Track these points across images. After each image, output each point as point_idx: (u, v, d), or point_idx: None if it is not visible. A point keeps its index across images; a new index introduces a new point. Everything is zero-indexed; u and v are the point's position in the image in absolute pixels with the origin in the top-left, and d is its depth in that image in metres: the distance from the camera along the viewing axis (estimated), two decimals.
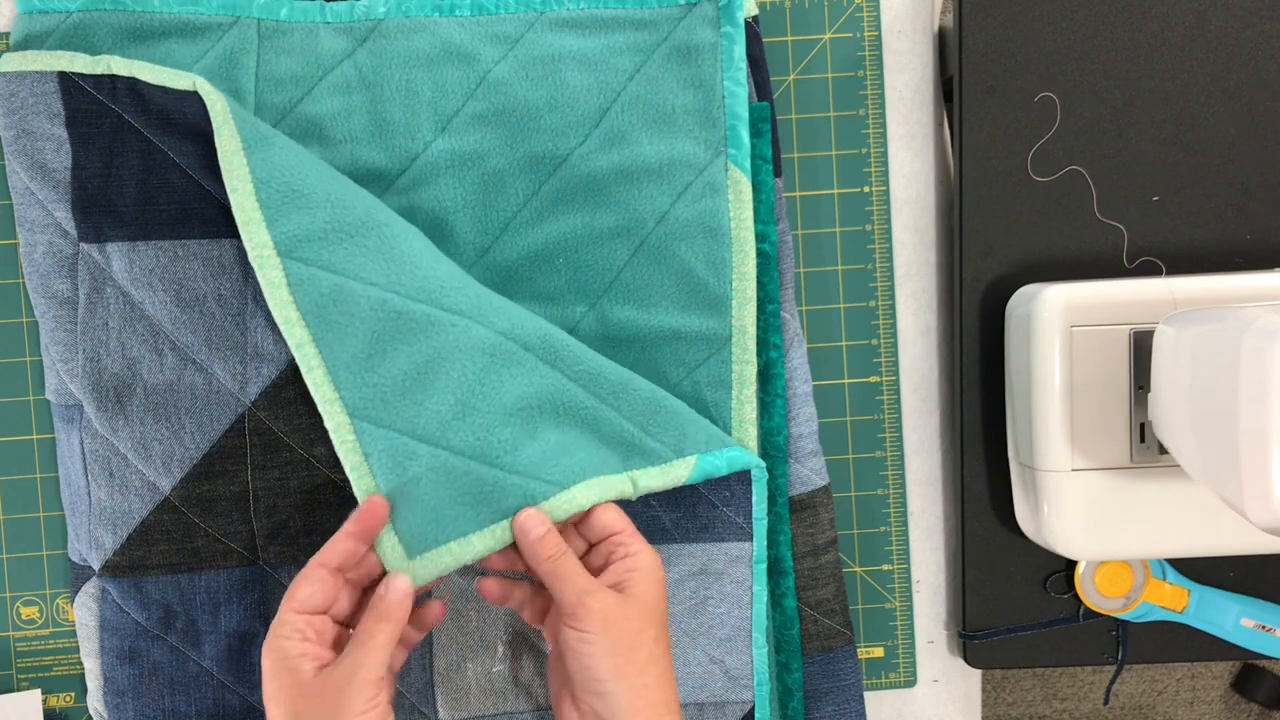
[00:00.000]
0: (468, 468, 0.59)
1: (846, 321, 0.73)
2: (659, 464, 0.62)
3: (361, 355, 0.61)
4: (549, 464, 0.59)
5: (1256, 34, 0.70)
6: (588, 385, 0.63)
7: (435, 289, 0.61)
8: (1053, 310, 0.65)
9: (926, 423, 0.74)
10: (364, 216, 0.63)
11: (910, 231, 0.74)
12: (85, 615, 0.68)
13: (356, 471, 0.60)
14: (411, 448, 0.59)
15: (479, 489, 0.58)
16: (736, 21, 0.67)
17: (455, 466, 0.59)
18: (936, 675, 0.75)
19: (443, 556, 0.58)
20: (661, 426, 0.63)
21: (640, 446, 0.62)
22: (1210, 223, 0.71)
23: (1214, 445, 0.54)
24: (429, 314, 0.61)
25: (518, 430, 0.60)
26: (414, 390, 0.60)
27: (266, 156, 0.63)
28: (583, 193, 0.67)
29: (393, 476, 0.59)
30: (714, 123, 0.67)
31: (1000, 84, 0.70)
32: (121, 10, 0.66)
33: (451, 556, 0.58)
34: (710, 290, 0.67)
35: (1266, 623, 0.71)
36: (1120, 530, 0.66)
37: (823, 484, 0.70)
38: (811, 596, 0.70)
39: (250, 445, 0.66)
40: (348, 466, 0.60)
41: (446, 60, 0.67)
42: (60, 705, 0.71)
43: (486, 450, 0.59)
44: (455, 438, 0.59)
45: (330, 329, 0.61)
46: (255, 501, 0.66)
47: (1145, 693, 1.58)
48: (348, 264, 0.61)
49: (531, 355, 0.62)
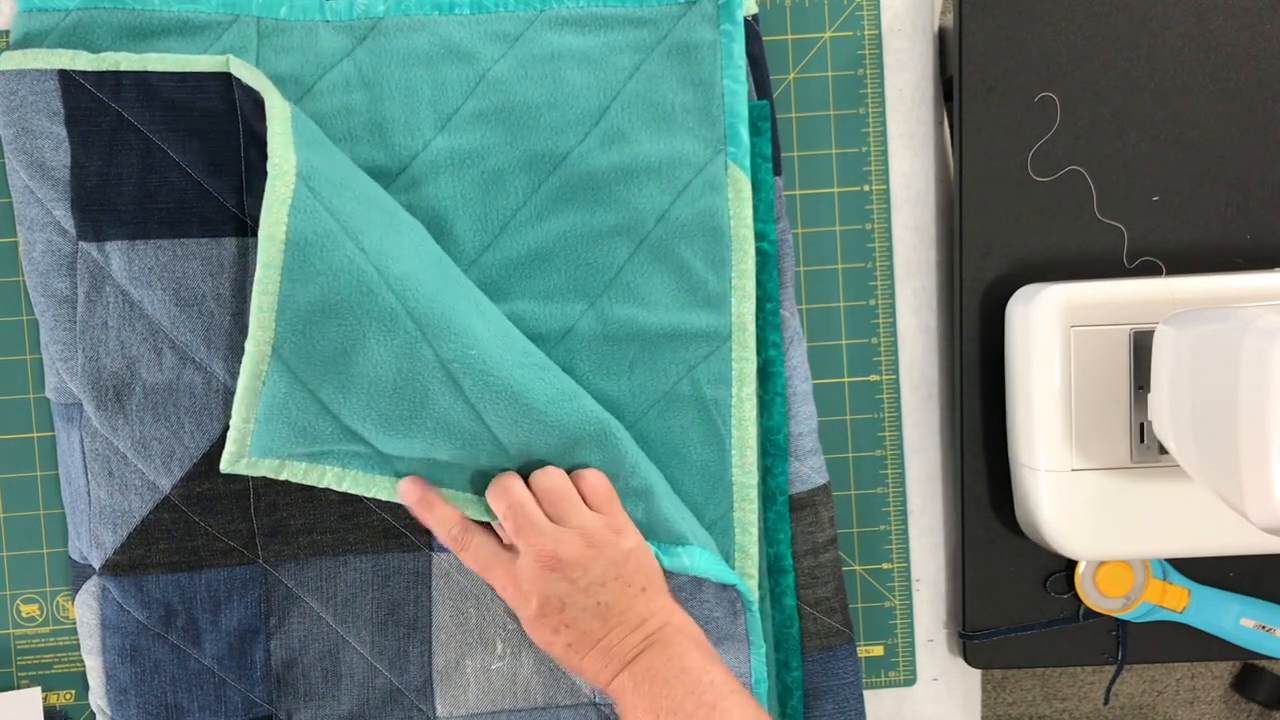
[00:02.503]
0: (354, 448, 0.62)
1: (846, 320, 0.73)
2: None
3: (314, 307, 0.59)
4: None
5: (1256, 34, 0.70)
6: (511, 443, 0.63)
7: (413, 286, 0.60)
8: (1053, 310, 0.65)
9: (926, 422, 0.74)
10: (378, 194, 0.63)
11: (910, 230, 0.74)
12: (86, 614, 0.68)
13: (245, 390, 0.60)
14: (305, 402, 0.61)
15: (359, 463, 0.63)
16: (736, 20, 0.67)
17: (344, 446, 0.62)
18: (936, 674, 0.75)
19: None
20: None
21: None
22: (1210, 223, 0.71)
23: (1214, 445, 0.54)
24: (390, 307, 0.60)
25: (415, 440, 0.62)
26: (338, 363, 0.60)
27: (304, 123, 0.63)
28: (582, 191, 0.67)
29: (274, 411, 0.61)
30: (713, 121, 0.67)
31: (1000, 84, 0.70)
32: (121, 9, 0.66)
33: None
34: (710, 288, 0.67)
35: (1266, 623, 0.71)
36: (1120, 530, 0.66)
37: (822, 482, 0.70)
38: (811, 595, 0.70)
39: None
40: (241, 386, 0.60)
41: (446, 58, 0.67)
42: (60, 703, 0.71)
43: (370, 437, 0.62)
44: (350, 420, 0.61)
45: (303, 267, 0.59)
46: (255, 500, 0.66)
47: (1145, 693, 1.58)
48: (350, 219, 0.60)
49: (451, 392, 0.61)
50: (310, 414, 0.61)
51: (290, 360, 0.60)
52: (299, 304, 0.59)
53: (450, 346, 0.60)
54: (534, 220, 0.67)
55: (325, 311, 0.59)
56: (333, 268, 0.59)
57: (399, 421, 0.61)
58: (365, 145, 0.67)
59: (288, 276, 0.59)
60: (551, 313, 0.67)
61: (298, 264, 0.59)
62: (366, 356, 0.60)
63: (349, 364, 0.60)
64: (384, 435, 0.61)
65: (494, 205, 0.67)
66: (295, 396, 0.60)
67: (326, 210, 0.60)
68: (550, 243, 0.67)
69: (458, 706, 0.68)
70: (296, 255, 0.59)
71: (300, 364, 0.60)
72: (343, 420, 0.61)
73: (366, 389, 0.60)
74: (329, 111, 0.67)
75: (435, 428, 0.61)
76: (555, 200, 0.67)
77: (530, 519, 0.61)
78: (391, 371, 0.60)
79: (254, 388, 0.60)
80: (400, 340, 0.60)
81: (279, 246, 0.59)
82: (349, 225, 0.60)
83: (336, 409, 0.61)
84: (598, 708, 0.68)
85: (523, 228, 0.67)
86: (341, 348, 0.60)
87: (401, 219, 0.64)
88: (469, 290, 0.64)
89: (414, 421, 0.61)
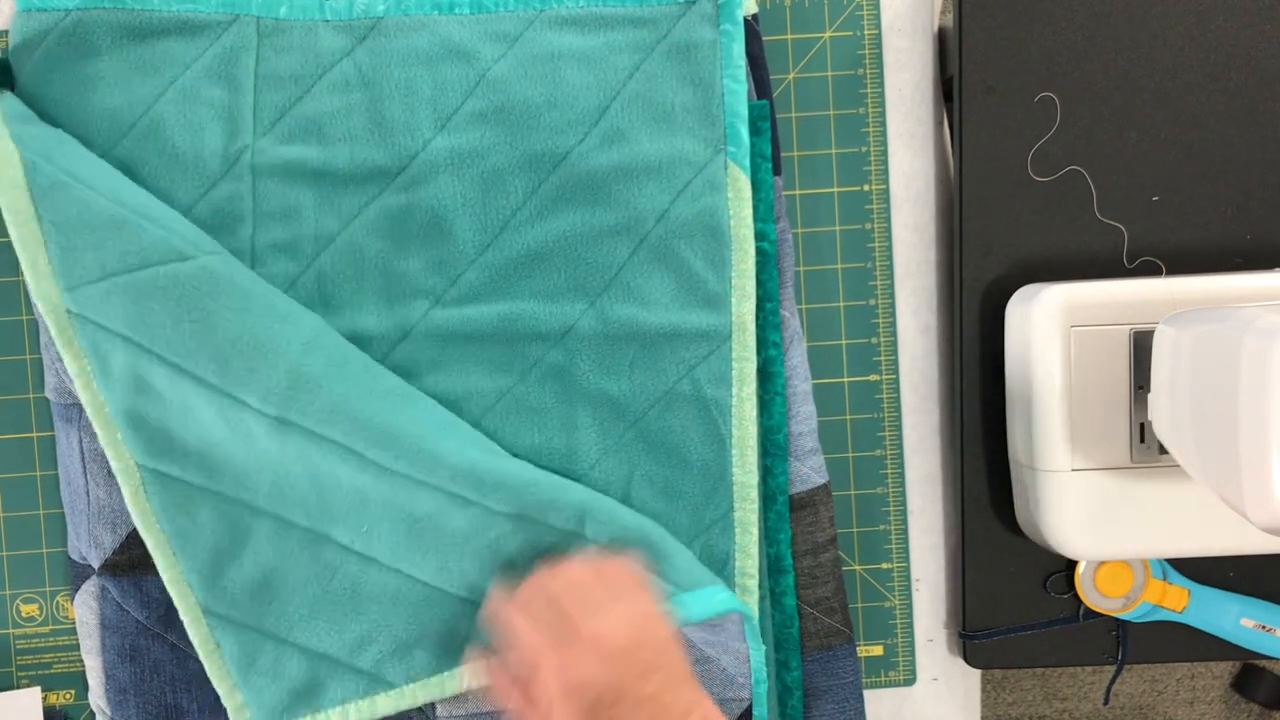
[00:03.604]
0: (313, 667, 0.65)
1: (846, 320, 0.73)
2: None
3: (210, 560, 0.64)
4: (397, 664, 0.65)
5: (1256, 34, 0.70)
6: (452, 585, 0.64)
7: (274, 486, 0.63)
8: (1053, 310, 0.65)
9: (926, 422, 0.74)
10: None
11: (910, 230, 0.74)
12: (86, 613, 0.68)
13: (210, 659, 0.65)
14: (259, 643, 0.65)
15: (315, 681, 0.65)
16: (736, 19, 0.67)
17: (300, 664, 0.65)
18: (936, 674, 0.75)
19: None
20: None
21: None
22: (1210, 223, 0.71)
23: (1214, 445, 0.54)
24: (268, 524, 0.64)
25: (366, 627, 0.64)
26: (258, 591, 0.64)
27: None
28: (582, 191, 0.67)
29: (244, 666, 0.65)
30: (713, 121, 0.67)
31: (1000, 84, 0.70)
32: (121, 8, 0.66)
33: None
34: (710, 288, 0.67)
35: (1266, 623, 0.71)
36: (1120, 530, 0.66)
37: (822, 482, 0.70)
38: (811, 595, 0.70)
39: None
40: (205, 663, 0.65)
41: (446, 58, 0.67)
42: (60, 703, 0.71)
43: (335, 649, 0.65)
44: (308, 640, 0.65)
45: (182, 535, 0.64)
46: None
47: (1145, 693, 1.57)
48: (196, 473, 0.64)
49: (374, 569, 0.64)
50: (272, 653, 0.65)
51: (218, 611, 0.64)
52: (196, 564, 0.64)
53: (343, 530, 0.63)
54: (534, 220, 0.67)
55: (219, 558, 0.64)
56: (203, 520, 0.64)
57: (341, 616, 0.64)
58: (365, 145, 0.67)
59: (178, 547, 0.64)
60: (551, 312, 0.67)
61: (177, 534, 0.64)
62: (280, 577, 0.64)
63: (268, 586, 0.64)
64: (345, 640, 0.64)
65: (494, 205, 0.67)
66: (248, 642, 0.64)
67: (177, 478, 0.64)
68: (550, 242, 0.67)
69: (458, 706, 0.68)
70: (172, 528, 0.64)
71: (228, 608, 0.64)
72: (303, 645, 0.64)
73: (297, 600, 0.64)
74: (328, 111, 0.67)
75: (379, 606, 0.64)
76: (555, 200, 0.67)
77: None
78: (306, 578, 0.64)
79: (214, 654, 0.65)
80: (294, 545, 0.64)
81: (158, 529, 0.64)
82: (194, 478, 0.64)
83: (291, 636, 0.64)
84: None
85: (523, 227, 0.67)
86: (254, 579, 0.64)
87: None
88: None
89: (356, 609, 0.64)
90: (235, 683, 0.65)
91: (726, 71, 0.67)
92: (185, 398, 0.62)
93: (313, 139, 0.67)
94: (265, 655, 0.65)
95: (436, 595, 0.64)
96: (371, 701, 0.65)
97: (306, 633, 0.64)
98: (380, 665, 0.64)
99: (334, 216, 0.67)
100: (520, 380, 0.67)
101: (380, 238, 0.67)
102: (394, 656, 0.64)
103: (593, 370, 0.67)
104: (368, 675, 0.65)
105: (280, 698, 0.65)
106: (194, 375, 0.61)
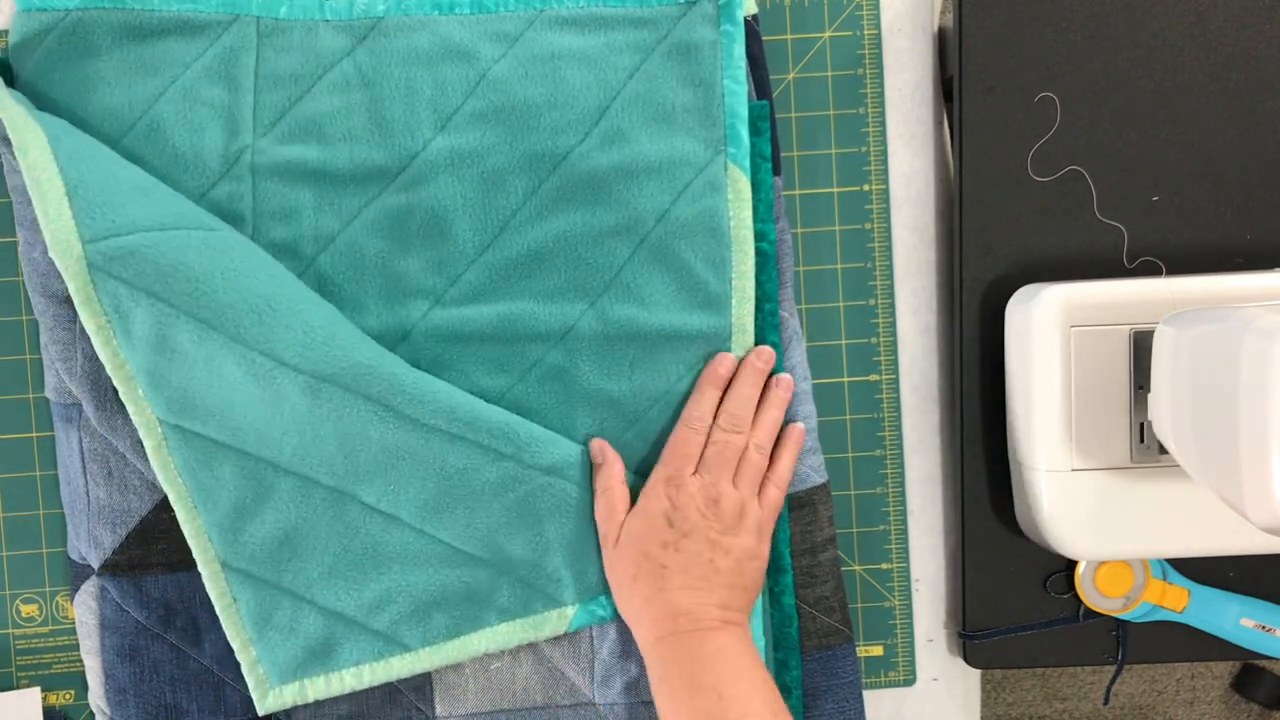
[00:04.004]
0: (329, 626, 0.65)
1: (846, 320, 0.73)
2: (520, 618, 0.66)
3: (231, 515, 0.64)
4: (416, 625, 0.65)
5: (1256, 34, 0.70)
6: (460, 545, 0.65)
7: (303, 455, 0.63)
8: (1052, 310, 0.65)
9: (926, 422, 0.74)
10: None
11: (910, 230, 0.74)
12: (85, 614, 0.68)
13: (226, 613, 0.65)
14: (276, 599, 0.65)
15: (330, 641, 0.65)
16: (736, 20, 0.67)
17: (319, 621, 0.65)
18: (936, 674, 0.75)
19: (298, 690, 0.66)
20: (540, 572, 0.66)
21: (494, 604, 0.66)
22: (1210, 223, 0.71)
23: (1214, 445, 0.54)
24: (294, 485, 0.64)
25: (385, 587, 0.65)
26: (280, 549, 0.65)
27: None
28: (582, 191, 0.67)
29: (260, 622, 0.65)
30: (714, 121, 0.67)
31: (1000, 84, 0.70)
32: (121, 8, 0.66)
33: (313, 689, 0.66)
34: (709, 289, 0.67)
35: (1266, 623, 0.71)
36: (1120, 530, 0.66)
37: (821, 481, 0.70)
38: (810, 594, 0.70)
39: None
40: (222, 617, 0.65)
41: (446, 58, 0.67)
42: (60, 703, 0.71)
43: (353, 609, 0.65)
44: (326, 599, 0.65)
45: (203, 489, 0.64)
46: None
47: (1145, 693, 1.58)
48: (220, 432, 0.63)
49: (396, 528, 0.65)
50: (289, 610, 0.65)
51: (237, 565, 0.64)
52: (216, 518, 0.64)
53: (369, 489, 0.64)
54: (534, 220, 0.67)
55: (240, 514, 0.64)
56: (224, 477, 0.64)
57: (361, 576, 0.65)
58: (365, 145, 0.67)
59: (199, 500, 0.64)
60: (551, 312, 0.67)
61: (197, 488, 0.64)
62: (300, 535, 0.64)
63: (289, 543, 0.64)
64: (363, 600, 0.65)
65: (494, 205, 0.67)
66: (266, 598, 0.65)
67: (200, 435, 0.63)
68: (550, 242, 0.67)
69: (456, 706, 0.68)
70: (193, 482, 0.64)
71: (247, 564, 0.64)
72: (320, 603, 0.65)
73: (317, 558, 0.64)
74: (328, 111, 0.67)
75: (400, 566, 0.65)
76: (555, 200, 0.67)
77: (732, 463, 0.64)
78: (327, 536, 0.64)
79: (230, 609, 0.65)
80: (317, 504, 0.64)
81: (178, 482, 0.64)
82: (220, 436, 0.63)
83: (309, 594, 0.64)
84: (596, 708, 0.68)
85: (523, 227, 0.67)
86: (275, 536, 0.64)
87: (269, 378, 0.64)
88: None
89: (376, 569, 0.64)
90: (250, 637, 0.65)
91: (727, 72, 0.67)
92: (211, 356, 0.61)
93: (313, 139, 0.67)
94: (282, 612, 0.65)
95: (459, 557, 0.65)
96: (386, 664, 0.65)
97: (325, 591, 0.65)
98: (396, 627, 0.65)
99: (334, 216, 0.67)
100: (520, 380, 0.67)
101: (380, 238, 0.67)
102: (411, 619, 0.65)
103: (593, 371, 0.67)
104: (383, 636, 0.65)
105: (294, 655, 0.65)
106: (225, 332, 0.61)
